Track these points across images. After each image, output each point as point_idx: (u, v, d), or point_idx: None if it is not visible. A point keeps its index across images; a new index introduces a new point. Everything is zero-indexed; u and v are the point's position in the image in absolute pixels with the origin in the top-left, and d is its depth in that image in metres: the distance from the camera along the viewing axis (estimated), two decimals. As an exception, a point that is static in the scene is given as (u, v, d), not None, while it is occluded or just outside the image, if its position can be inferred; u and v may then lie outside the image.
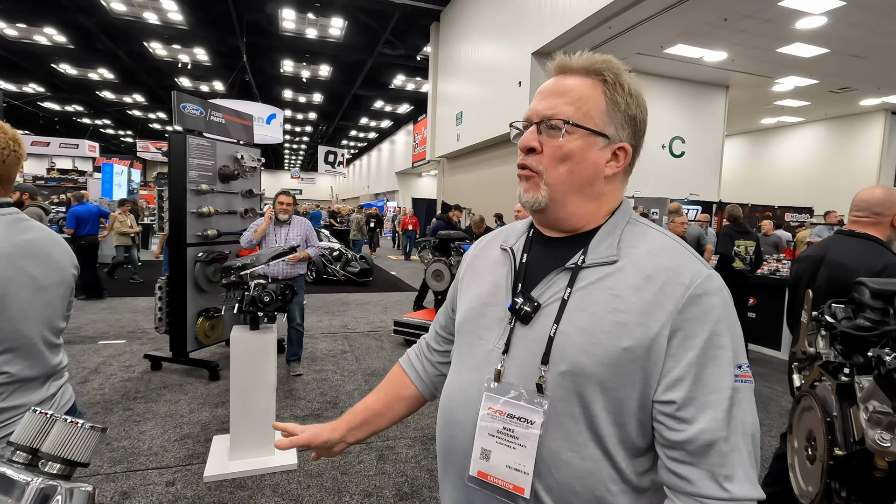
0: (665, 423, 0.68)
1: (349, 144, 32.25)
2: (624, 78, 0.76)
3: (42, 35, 13.34)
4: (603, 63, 0.76)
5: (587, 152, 0.75)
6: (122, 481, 2.63)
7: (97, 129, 27.05)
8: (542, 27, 8.06)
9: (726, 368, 0.66)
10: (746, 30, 8.08)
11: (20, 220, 1.17)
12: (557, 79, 0.78)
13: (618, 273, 0.73)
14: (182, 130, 4.09)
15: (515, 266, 0.82)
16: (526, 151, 0.77)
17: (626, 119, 0.77)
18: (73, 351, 4.78)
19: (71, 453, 0.74)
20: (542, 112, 0.76)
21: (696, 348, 0.66)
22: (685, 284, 0.68)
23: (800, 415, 1.60)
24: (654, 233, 0.77)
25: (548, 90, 0.78)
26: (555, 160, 0.75)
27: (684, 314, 0.67)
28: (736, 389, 0.66)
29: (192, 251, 4.19)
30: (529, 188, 0.77)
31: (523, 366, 0.74)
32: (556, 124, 0.74)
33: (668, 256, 0.72)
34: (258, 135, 12.92)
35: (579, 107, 0.74)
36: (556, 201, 0.76)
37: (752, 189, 15.50)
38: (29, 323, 1.15)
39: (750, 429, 0.66)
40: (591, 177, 0.76)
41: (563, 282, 0.75)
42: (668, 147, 11.01)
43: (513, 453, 0.73)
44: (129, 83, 17.88)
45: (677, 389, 0.66)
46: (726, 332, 0.68)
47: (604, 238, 0.77)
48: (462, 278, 0.95)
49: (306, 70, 16.26)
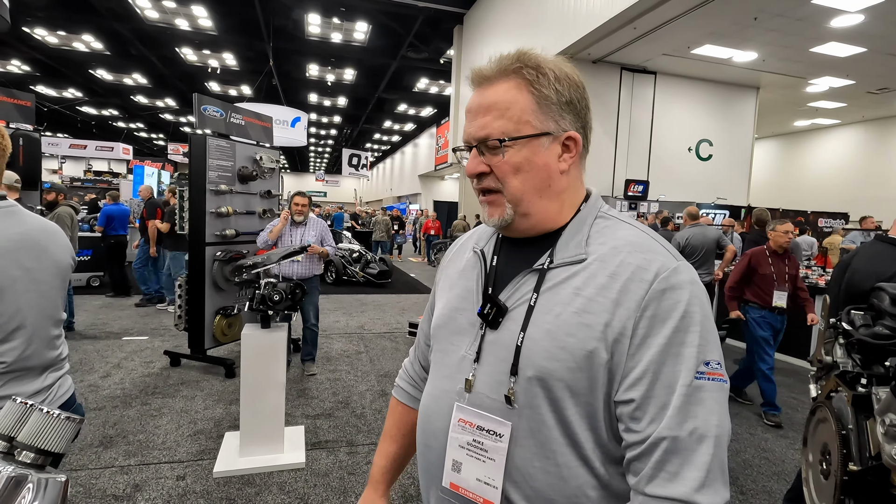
0: (624, 423, 0.65)
1: (373, 147, 32.55)
2: (545, 66, 0.72)
3: (80, 42, 13.89)
4: (517, 60, 0.72)
5: (534, 158, 0.72)
6: (135, 474, 2.69)
7: (131, 133, 28.01)
8: (566, 29, 7.98)
9: (686, 365, 0.63)
10: (778, 29, 7.82)
11: (14, 213, 1.20)
12: (479, 93, 0.75)
13: (583, 272, 0.70)
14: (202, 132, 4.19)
15: (486, 269, 0.81)
16: (477, 177, 0.75)
17: (563, 107, 0.72)
18: (98, 346, 4.93)
19: (45, 443, 0.75)
20: (476, 134, 0.73)
21: (656, 346, 0.63)
22: (648, 280, 0.66)
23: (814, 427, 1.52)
24: (623, 227, 0.74)
25: (474, 108, 0.74)
26: (509, 175, 0.72)
27: (647, 311, 0.64)
28: (698, 388, 0.62)
29: (210, 250, 4.28)
30: (494, 211, 0.75)
31: (493, 373, 0.72)
32: (493, 144, 0.71)
33: (634, 252, 0.69)
34: (283, 138, 13.21)
35: (510, 117, 0.71)
36: (520, 213, 0.74)
37: (784, 193, 15.00)
38: (24, 314, 1.17)
39: (713, 430, 0.62)
40: (547, 178, 0.73)
41: (531, 284, 0.73)
42: (694, 150, 10.73)
43: (482, 466, 0.72)
44: (162, 88, 18.46)
45: (635, 389, 0.64)
46: (692, 327, 0.64)
47: (571, 236, 0.74)
48: (437, 282, 0.94)
49: (331, 74, 16.49)
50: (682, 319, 0.64)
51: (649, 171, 10.23)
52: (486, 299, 0.76)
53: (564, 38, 8.00)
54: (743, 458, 3.20)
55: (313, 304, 4.29)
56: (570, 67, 0.74)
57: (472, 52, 12.30)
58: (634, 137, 10.02)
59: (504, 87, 0.72)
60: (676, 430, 0.61)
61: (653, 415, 0.62)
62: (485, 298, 0.77)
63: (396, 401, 1.04)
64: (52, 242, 1.28)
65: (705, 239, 5.18)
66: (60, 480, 0.73)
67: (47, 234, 1.28)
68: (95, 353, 4.68)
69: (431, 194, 25.28)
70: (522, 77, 0.71)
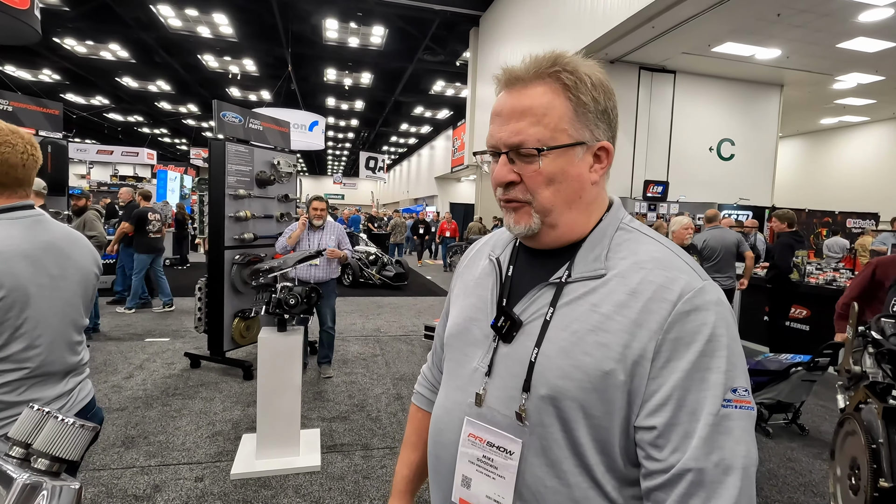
0: (645, 451, 0.62)
1: (389, 150, 32.74)
2: (582, 70, 0.68)
3: (107, 51, 14.29)
4: (553, 63, 0.67)
5: (568, 168, 0.69)
6: (155, 474, 2.74)
7: (155, 138, 28.70)
8: (582, 29, 7.92)
9: (713, 392, 0.59)
10: (803, 25, 7.62)
11: (40, 221, 1.24)
12: (511, 95, 0.70)
13: (602, 288, 0.67)
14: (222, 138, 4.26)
15: (501, 279, 0.79)
16: (504, 186, 0.71)
17: (599, 115, 0.69)
18: (122, 347, 5.05)
19: (60, 450, 0.76)
20: (508, 140, 0.68)
21: (680, 371, 0.60)
22: (671, 301, 0.62)
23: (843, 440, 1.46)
24: (645, 241, 0.71)
25: (506, 111, 0.70)
26: (540, 185, 0.69)
27: (670, 333, 0.61)
28: (725, 416, 0.59)
29: (229, 254, 4.34)
30: (520, 219, 0.71)
31: (505, 388, 0.71)
32: (527, 153, 0.68)
33: (656, 269, 0.66)
34: (301, 141, 13.37)
35: (546, 123, 0.67)
36: (549, 225, 0.71)
37: (810, 193, 14.60)
38: (48, 320, 1.21)
39: (740, 461, 0.59)
40: (579, 189, 0.70)
41: (547, 297, 0.71)
42: (715, 150, 10.52)
43: (492, 483, 0.70)
44: (185, 94, 18.89)
45: (658, 415, 0.61)
46: (719, 351, 0.60)
47: (591, 249, 0.71)
48: (453, 289, 0.92)
49: (348, 78, 16.65)
50: (708, 343, 0.60)
51: (669, 172, 10.06)
52: (500, 312, 0.74)
53: (581, 39, 7.93)
54: (767, 467, 3.11)
55: (330, 307, 4.32)
56: (603, 73, 0.70)
57: (488, 54, 12.28)
58: (653, 138, 9.87)
59: (540, 91, 0.68)
60: (703, 462, 0.58)
61: (676, 444, 0.60)
62: (499, 311, 0.75)
63: (416, 407, 1.02)
64: (76, 250, 1.31)
65: (724, 242, 5.02)
66: (74, 488, 0.74)
67: (72, 242, 1.31)
68: (119, 355, 4.79)
69: (448, 196, 25.31)
70: (560, 81, 0.67)
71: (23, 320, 1.15)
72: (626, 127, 9.46)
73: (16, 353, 1.15)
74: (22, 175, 1.20)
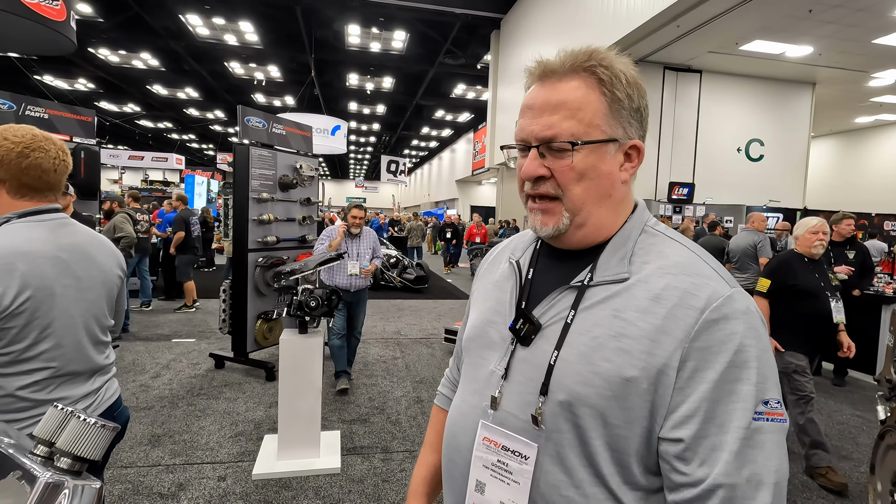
0: (670, 464, 0.60)
1: (411, 154, 32.93)
2: (618, 66, 0.67)
3: (139, 60, 14.78)
4: (589, 57, 0.66)
5: (600, 165, 0.67)
6: (180, 473, 2.79)
7: (184, 144, 29.50)
8: (605, 29, 7.82)
9: (744, 405, 0.57)
10: (836, 21, 7.36)
11: (65, 224, 1.27)
12: (544, 87, 0.68)
13: (625, 293, 0.65)
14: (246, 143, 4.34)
15: (521, 282, 0.77)
16: (534, 181, 0.69)
17: (633, 113, 0.68)
18: (150, 347, 5.18)
19: (82, 450, 0.77)
20: (540, 134, 0.67)
21: (708, 381, 0.58)
22: (699, 308, 0.60)
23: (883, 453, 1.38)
24: (671, 245, 0.68)
25: (538, 104, 0.68)
26: (572, 182, 0.67)
27: (697, 342, 0.59)
28: (756, 430, 0.56)
29: (252, 256, 4.41)
30: (548, 220, 0.69)
31: (522, 392, 0.69)
32: (560, 147, 0.66)
33: (682, 275, 0.63)
34: (323, 146, 13.53)
35: (581, 118, 0.65)
36: (577, 224, 0.69)
37: (844, 195, 14.09)
38: (74, 321, 1.24)
39: (772, 476, 0.56)
40: (609, 187, 0.69)
41: (568, 301, 0.69)
42: (744, 150, 10.24)
43: (507, 489, 0.68)
44: (212, 100, 19.39)
45: (685, 428, 0.58)
46: (749, 363, 0.58)
47: (614, 252, 0.69)
48: (473, 291, 0.91)
49: (370, 82, 16.82)
50: (738, 354, 0.58)
51: (695, 174, 9.84)
52: (518, 314, 0.73)
53: (604, 39, 7.83)
54: (801, 479, 2.99)
55: (364, 312, 4.36)
56: (637, 71, 0.69)
57: (510, 56, 12.24)
58: (678, 139, 9.67)
59: (574, 85, 0.66)
60: (734, 477, 0.55)
61: (704, 457, 0.57)
62: (517, 313, 0.73)
63: (438, 408, 1.00)
64: (100, 252, 1.34)
65: (743, 242, 5.10)
66: (95, 487, 0.74)
67: (96, 244, 1.35)
68: (147, 355, 4.92)
69: (469, 199, 25.30)
70: (595, 76, 0.66)
71: (49, 320, 1.18)
72: (650, 128, 9.17)
73: (43, 352, 1.18)
74: (53, 179, 1.23)
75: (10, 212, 1.20)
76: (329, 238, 4.10)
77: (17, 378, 1.16)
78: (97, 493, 0.76)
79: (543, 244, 0.79)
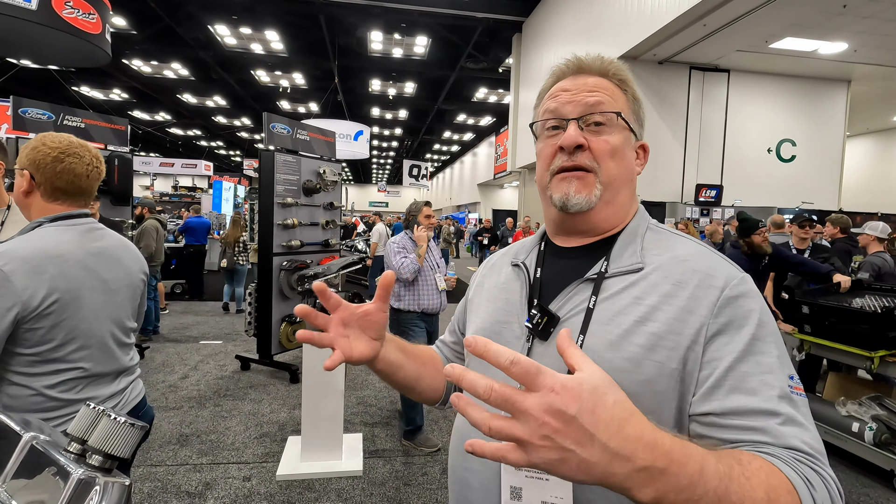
0: (706, 434, 0.59)
1: (433, 158, 33.07)
2: (631, 79, 0.77)
3: (170, 70, 15.26)
4: (616, 64, 0.75)
5: (626, 148, 0.73)
6: (207, 472, 2.85)
7: (212, 150, 30.30)
8: (629, 30, 7.71)
9: (771, 375, 0.57)
10: (872, 15, 7.09)
11: (94, 229, 1.32)
12: (577, 78, 0.75)
13: (642, 282, 0.67)
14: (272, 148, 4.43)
15: (530, 280, 0.77)
16: (572, 150, 0.71)
17: (641, 119, 0.77)
18: (179, 349, 5.31)
19: (112, 447, 0.79)
20: (587, 100, 0.71)
21: (735, 352, 0.59)
22: (718, 287, 0.63)
23: None
24: (679, 239, 0.72)
25: (574, 87, 0.74)
26: (606, 155, 0.71)
27: (720, 317, 0.61)
28: (790, 398, 0.57)
29: (277, 260, 4.49)
30: (582, 188, 0.70)
31: None
32: (604, 119, 0.71)
33: (697, 260, 0.67)
34: (346, 151, 13.71)
35: (615, 102, 0.73)
36: (606, 200, 0.72)
37: (882, 197, 13.52)
38: (101, 322, 1.28)
39: (817, 446, 0.55)
40: (631, 172, 0.75)
41: (585, 293, 0.70)
42: (774, 151, 9.94)
43: (546, 485, 0.67)
44: (239, 108, 19.86)
45: (714, 399, 0.58)
46: (769, 337, 0.60)
47: (626, 245, 0.71)
48: (472, 298, 0.90)
49: (392, 88, 16.97)
50: (759, 328, 0.60)
51: (723, 175, 9.59)
52: (534, 308, 0.72)
53: (628, 40, 7.73)
54: (837, 492, 2.86)
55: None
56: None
57: (532, 59, 12.19)
58: (706, 140, 9.44)
59: (605, 82, 0.74)
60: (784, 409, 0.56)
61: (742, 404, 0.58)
62: (532, 307, 0.73)
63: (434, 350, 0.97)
64: (125, 256, 1.39)
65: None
66: (125, 484, 0.76)
67: (122, 249, 1.39)
68: (176, 356, 5.05)
69: (490, 203, 25.23)
70: (619, 78, 0.76)
71: (76, 322, 1.22)
72: (675, 130, 9.10)
73: (70, 353, 1.22)
74: (85, 185, 1.28)
75: (44, 215, 1.25)
76: (405, 249, 3.27)
77: (45, 378, 1.20)
78: (126, 490, 0.78)
79: (548, 246, 0.80)
